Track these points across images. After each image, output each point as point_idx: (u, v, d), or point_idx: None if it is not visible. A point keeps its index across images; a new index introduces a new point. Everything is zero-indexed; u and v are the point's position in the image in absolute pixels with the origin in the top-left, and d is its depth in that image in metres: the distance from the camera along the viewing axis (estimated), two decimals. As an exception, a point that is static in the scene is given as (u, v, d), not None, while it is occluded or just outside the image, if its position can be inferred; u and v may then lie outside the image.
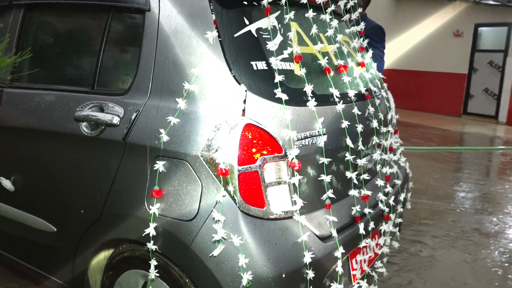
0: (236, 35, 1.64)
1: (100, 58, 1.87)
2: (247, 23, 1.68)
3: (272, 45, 1.66)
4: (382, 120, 2.18)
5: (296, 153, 1.58)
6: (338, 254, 1.70)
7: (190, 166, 1.55)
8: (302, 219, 1.61)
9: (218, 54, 1.60)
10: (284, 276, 1.51)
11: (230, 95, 1.57)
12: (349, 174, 1.85)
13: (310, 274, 1.56)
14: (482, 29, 11.01)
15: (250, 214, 1.53)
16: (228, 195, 1.51)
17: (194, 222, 1.54)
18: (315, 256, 1.60)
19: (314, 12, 1.85)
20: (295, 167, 1.58)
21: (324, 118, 1.76)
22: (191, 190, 1.56)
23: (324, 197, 1.73)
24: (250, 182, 1.52)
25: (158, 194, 1.59)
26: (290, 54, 1.75)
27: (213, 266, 1.50)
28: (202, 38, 1.61)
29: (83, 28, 2.11)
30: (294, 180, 1.59)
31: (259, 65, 1.64)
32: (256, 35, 1.68)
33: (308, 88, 1.69)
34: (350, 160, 1.84)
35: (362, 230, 1.86)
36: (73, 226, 1.90)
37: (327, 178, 1.71)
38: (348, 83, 1.93)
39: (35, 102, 2.02)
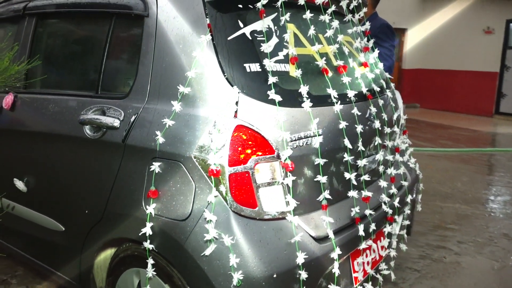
0: (229, 38, 1.67)
1: (103, 62, 1.94)
2: (242, 26, 1.70)
3: (266, 47, 1.68)
4: (386, 120, 2.16)
5: (289, 154, 1.59)
6: (335, 255, 1.70)
7: (184, 167, 1.59)
8: (295, 220, 1.62)
9: (212, 57, 1.63)
10: (275, 276, 1.52)
11: (223, 97, 1.60)
12: (347, 175, 1.85)
13: (303, 275, 1.57)
14: (514, 25, 10.69)
15: (241, 214, 1.55)
16: (220, 196, 1.54)
17: (187, 222, 1.57)
18: (309, 257, 1.61)
19: (314, 12, 1.86)
20: (288, 168, 1.59)
21: (321, 119, 1.76)
22: (185, 190, 1.59)
23: (320, 198, 1.73)
24: (241, 182, 1.54)
25: (154, 194, 1.63)
26: (286, 55, 1.76)
27: (205, 265, 1.53)
28: (197, 41, 1.64)
29: (89, 34, 2.18)
30: (287, 180, 1.60)
31: (252, 67, 1.66)
32: (250, 38, 1.70)
33: (303, 89, 1.70)
34: (348, 161, 1.83)
35: (361, 232, 1.85)
36: (79, 226, 1.97)
37: (323, 179, 1.71)
38: (347, 84, 1.92)
39: (45, 106, 2.10)
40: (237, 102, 1.59)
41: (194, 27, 1.67)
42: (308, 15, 1.84)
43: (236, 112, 1.58)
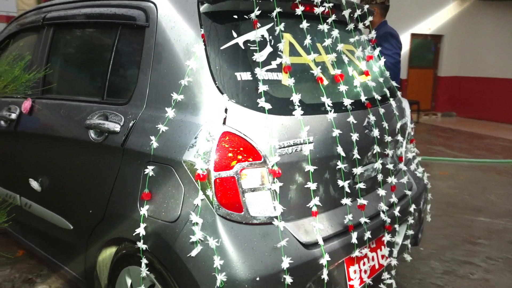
0: (222, 48, 1.73)
1: (109, 70, 2.05)
2: (235, 36, 1.76)
3: (258, 56, 1.73)
4: (386, 129, 2.16)
5: (276, 160, 1.64)
6: (324, 261, 1.72)
7: (175, 171, 1.66)
8: (282, 225, 1.65)
9: (204, 66, 1.69)
10: (258, 279, 1.56)
11: (213, 105, 1.66)
12: (341, 182, 1.87)
13: (288, 279, 1.60)
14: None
15: (227, 218, 1.60)
16: (206, 199, 1.60)
17: (176, 223, 1.64)
18: (295, 262, 1.64)
19: (312, 22, 1.90)
20: (276, 174, 1.63)
21: (314, 127, 1.80)
22: (175, 193, 1.66)
23: (311, 204, 1.76)
24: (227, 187, 1.59)
25: (147, 196, 1.71)
26: (279, 64, 1.81)
27: (191, 266, 1.59)
28: (191, 51, 1.71)
29: (97, 43, 2.31)
30: (275, 186, 1.64)
31: (244, 76, 1.72)
32: (243, 47, 1.76)
33: (295, 97, 1.74)
34: (342, 168, 1.86)
35: (354, 239, 1.87)
36: (84, 224, 2.08)
37: (313, 186, 1.74)
38: (344, 92, 1.94)
39: (57, 111, 2.24)
40: (226, 110, 1.64)
41: (189, 37, 1.74)
42: (304, 25, 1.88)
43: (225, 119, 1.64)
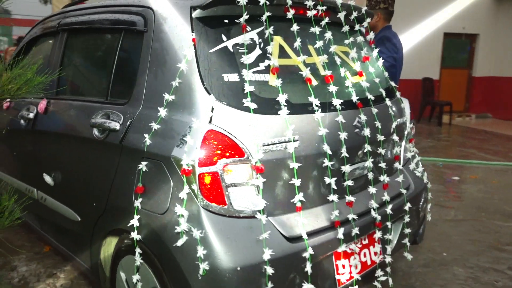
0: (211, 51, 1.83)
1: (113, 72, 2.20)
2: (225, 40, 1.87)
3: (245, 58, 1.83)
4: (379, 128, 2.20)
5: (260, 157, 1.73)
6: (307, 255, 1.80)
7: (165, 166, 1.78)
8: (264, 219, 1.74)
9: (193, 68, 1.81)
10: (239, 269, 1.65)
11: (201, 104, 1.77)
12: (328, 179, 1.93)
13: (269, 270, 1.68)
14: None
15: (211, 210, 1.70)
16: (192, 193, 1.71)
17: (165, 215, 1.76)
18: (277, 254, 1.72)
19: (308, 24, 1.99)
20: (258, 170, 1.72)
21: (301, 126, 1.88)
22: (165, 187, 1.78)
23: (295, 200, 1.83)
24: (211, 182, 1.69)
25: (140, 190, 1.83)
26: (268, 66, 1.89)
27: (177, 255, 1.70)
28: (182, 54, 1.83)
29: (103, 47, 2.47)
30: (258, 182, 1.73)
31: (231, 77, 1.82)
32: (232, 50, 1.86)
33: (281, 97, 1.83)
34: (328, 166, 1.92)
35: (341, 235, 1.93)
36: (89, 216, 2.23)
37: (297, 182, 1.82)
38: (334, 93, 2.01)
39: (67, 111, 2.42)
40: (212, 109, 1.75)
41: (182, 41, 1.86)
42: (295, 28, 1.96)
43: (211, 118, 1.74)
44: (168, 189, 1.77)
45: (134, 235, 1.82)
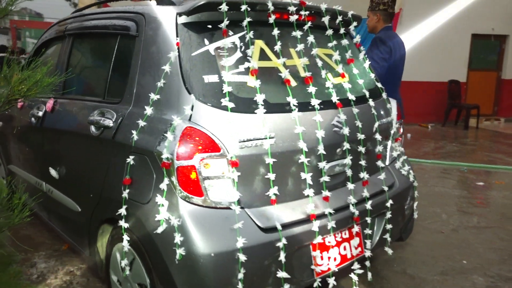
0: (193, 54, 1.98)
1: (109, 73, 2.38)
2: (207, 44, 2.01)
3: (225, 61, 1.97)
4: (359, 127, 2.30)
5: (234, 152, 1.86)
6: (280, 244, 1.92)
7: (149, 160, 1.94)
8: (238, 209, 1.87)
9: (176, 70, 1.96)
10: (213, 255, 1.79)
11: (183, 103, 1.92)
12: (303, 175, 2.05)
13: (242, 257, 1.82)
14: None
15: (188, 201, 1.85)
16: (171, 184, 1.86)
17: (148, 205, 1.91)
18: (251, 243, 1.85)
19: (289, 28, 2.15)
20: (233, 164, 1.86)
21: (278, 124, 2.01)
22: (149, 179, 1.94)
23: (270, 193, 1.96)
24: (188, 174, 1.84)
25: (127, 182, 2.00)
26: (247, 68, 2.03)
27: (158, 241, 1.85)
28: (167, 57, 1.98)
29: (102, 50, 2.66)
30: (233, 175, 1.87)
31: (211, 78, 1.96)
32: (213, 54, 2.00)
33: (259, 97, 1.96)
34: (304, 162, 2.04)
35: (316, 227, 2.04)
36: (87, 207, 2.41)
37: (272, 176, 1.95)
38: (313, 93, 2.12)
39: (70, 109, 2.61)
40: (192, 107, 1.89)
41: (167, 45, 2.02)
42: (275, 32, 2.10)
43: (191, 115, 1.89)
44: (151, 181, 1.93)
45: (122, 223, 1.99)
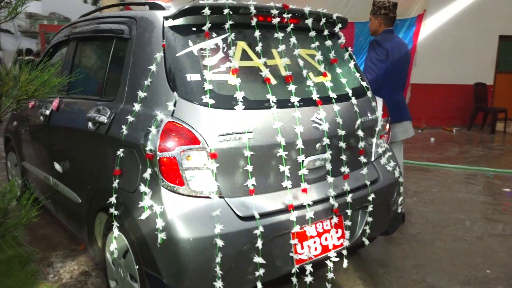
0: (178, 55, 2.14)
1: (106, 73, 2.57)
2: (191, 45, 2.17)
3: (207, 61, 2.12)
4: (340, 124, 2.41)
5: (214, 145, 2.01)
6: (258, 232, 2.05)
7: (136, 152, 2.10)
8: (216, 198, 2.02)
9: (162, 69, 2.12)
10: (191, 240, 1.94)
11: (166, 100, 2.07)
12: (282, 168, 2.18)
13: (219, 242, 1.95)
14: None
15: (169, 189, 1.99)
16: (154, 174, 2.01)
17: (135, 194, 2.07)
18: (228, 229, 1.99)
19: (273, 30, 2.29)
20: (212, 156, 2.01)
21: (257, 120, 2.14)
22: (135, 170, 2.10)
23: (248, 183, 2.10)
24: (169, 165, 1.99)
25: (117, 172, 2.17)
26: (229, 67, 2.17)
27: (143, 227, 2.01)
28: (154, 58, 2.15)
29: (100, 52, 2.85)
30: (212, 167, 2.01)
31: (193, 77, 2.11)
32: (196, 54, 2.16)
33: (238, 94, 2.11)
34: (282, 156, 2.17)
35: (293, 217, 2.17)
36: (86, 198, 2.59)
37: (250, 168, 2.09)
38: (293, 91, 2.25)
39: (72, 107, 2.80)
40: (175, 104, 2.05)
41: (154, 47, 2.19)
42: (257, 34, 2.24)
43: (173, 111, 2.04)
44: (137, 171, 2.09)
45: (112, 210, 2.15)
